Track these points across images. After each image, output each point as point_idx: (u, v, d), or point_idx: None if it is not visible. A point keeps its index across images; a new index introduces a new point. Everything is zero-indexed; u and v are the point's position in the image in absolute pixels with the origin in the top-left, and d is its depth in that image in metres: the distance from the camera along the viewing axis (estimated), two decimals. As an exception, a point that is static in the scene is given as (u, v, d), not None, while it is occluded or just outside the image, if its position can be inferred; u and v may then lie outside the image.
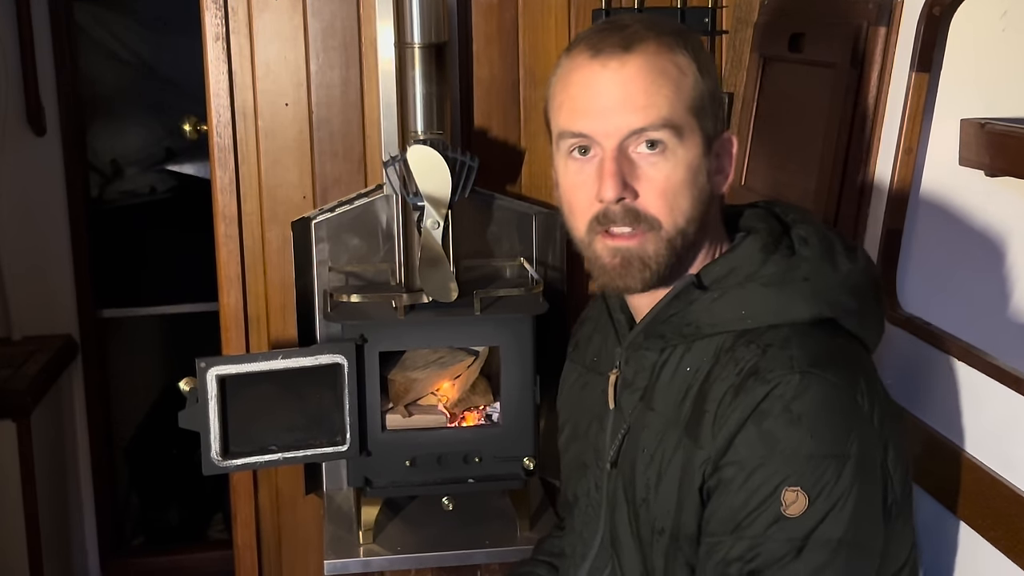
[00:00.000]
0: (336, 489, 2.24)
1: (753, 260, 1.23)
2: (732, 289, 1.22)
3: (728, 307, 1.21)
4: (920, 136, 1.59)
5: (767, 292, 1.20)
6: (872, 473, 1.14)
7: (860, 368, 1.18)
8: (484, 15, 2.25)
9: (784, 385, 1.12)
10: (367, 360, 1.96)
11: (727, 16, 2.29)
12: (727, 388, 1.16)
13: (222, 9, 2.17)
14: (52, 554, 3.08)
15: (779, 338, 1.17)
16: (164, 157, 4.13)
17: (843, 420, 1.13)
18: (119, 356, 3.80)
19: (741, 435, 1.13)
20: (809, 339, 1.17)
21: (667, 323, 1.25)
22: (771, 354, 1.16)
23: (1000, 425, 1.33)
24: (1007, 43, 1.60)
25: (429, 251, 1.95)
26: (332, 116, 2.24)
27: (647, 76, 1.19)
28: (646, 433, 1.25)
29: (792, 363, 1.14)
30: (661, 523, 1.23)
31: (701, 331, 1.22)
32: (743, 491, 1.13)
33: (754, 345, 1.18)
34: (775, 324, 1.19)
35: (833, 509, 1.11)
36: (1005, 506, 1.29)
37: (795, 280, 1.21)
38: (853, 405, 1.14)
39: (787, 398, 1.12)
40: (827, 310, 1.20)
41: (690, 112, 1.20)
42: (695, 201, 1.22)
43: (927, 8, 1.57)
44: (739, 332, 1.20)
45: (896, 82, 1.64)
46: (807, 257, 1.22)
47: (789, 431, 1.11)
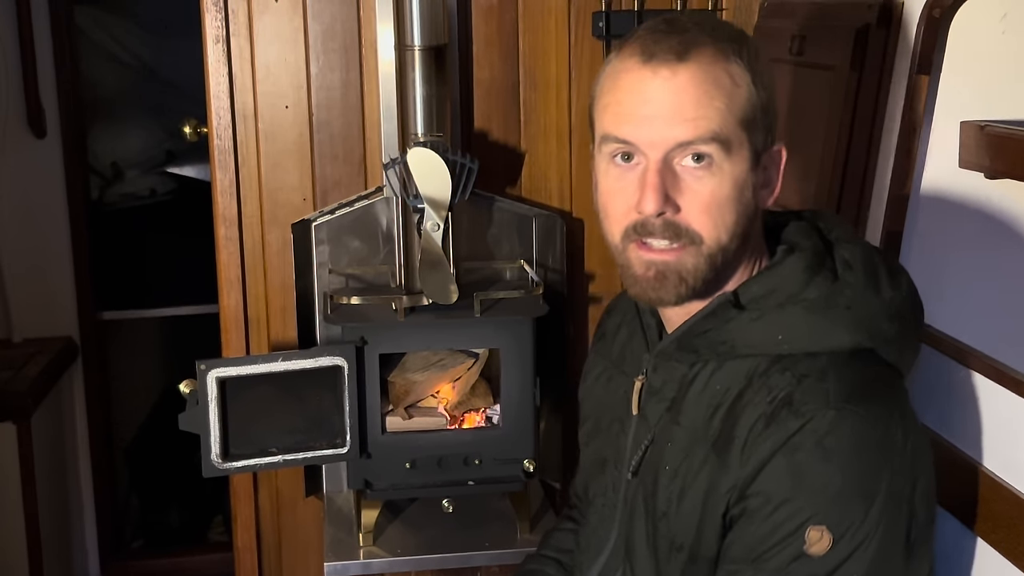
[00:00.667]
0: (336, 491, 2.24)
1: (795, 281, 1.19)
2: (771, 311, 1.18)
3: (766, 330, 1.18)
4: (920, 138, 1.58)
5: (808, 318, 1.17)
6: (899, 510, 1.12)
7: (896, 400, 1.16)
8: (484, 17, 2.25)
9: (818, 420, 1.10)
10: (367, 362, 1.96)
11: (727, 18, 2.28)
12: (759, 415, 1.13)
13: (222, 11, 2.17)
14: (52, 556, 3.08)
15: (816, 368, 1.14)
16: (164, 159, 4.13)
17: (875, 457, 1.10)
18: (119, 358, 3.80)
19: (770, 466, 1.11)
20: (847, 370, 1.14)
21: (701, 338, 1.21)
22: (807, 385, 1.13)
23: (1001, 428, 1.33)
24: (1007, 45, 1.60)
25: (429, 253, 1.95)
26: (332, 118, 2.24)
27: (699, 87, 1.14)
28: (671, 448, 1.23)
29: (828, 397, 1.11)
30: (681, 539, 1.21)
31: (735, 351, 1.19)
32: (767, 524, 1.11)
33: (789, 373, 1.14)
34: (813, 352, 1.16)
35: (857, 549, 1.09)
36: (1007, 509, 1.29)
37: (837, 307, 1.17)
38: (887, 441, 1.11)
39: (820, 433, 1.09)
40: (867, 340, 1.17)
41: (741, 125, 1.16)
42: (739, 216, 1.18)
43: (927, 10, 1.57)
44: (774, 356, 1.17)
45: (896, 84, 1.64)
46: (851, 283, 1.18)
47: (819, 467, 1.09)
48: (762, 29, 2.18)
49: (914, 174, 1.60)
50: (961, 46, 1.59)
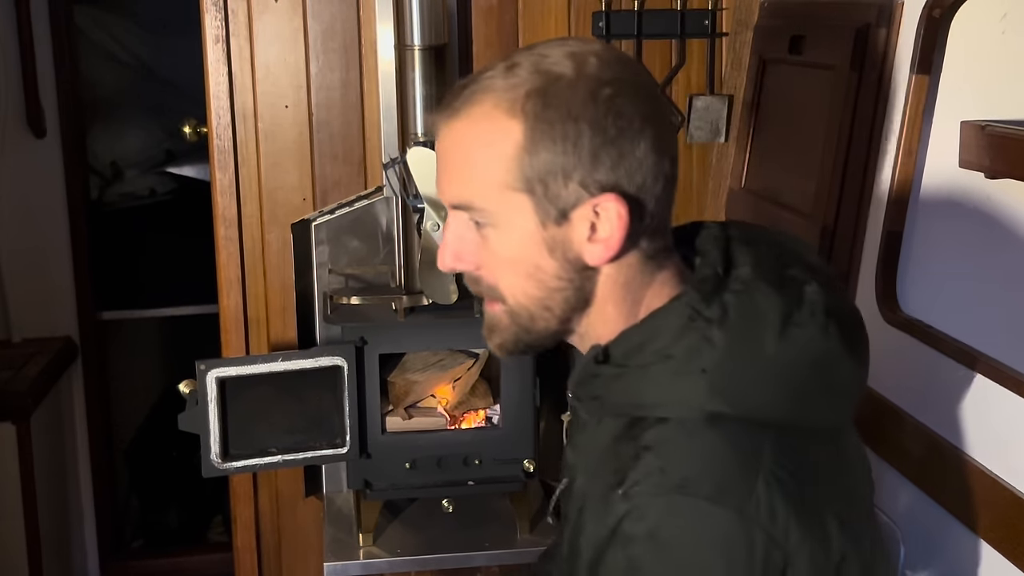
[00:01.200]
0: (336, 491, 2.24)
1: (665, 335, 1.05)
2: (632, 368, 1.06)
3: (625, 388, 1.07)
4: (920, 138, 1.58)
5: (663, 379, 1.04)
6: None
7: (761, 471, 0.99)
8: (484, 17, 2.25)
9: (647, 508, 0.98)
10: (367, 362, 1.96)
11: (727, 18, 2.29)
12: (603, 488, 1.02)
13: (222, 11, 2.17)
14: (52, 556, 3.07)
15: (659, 439, 1.01)
16: (164, 159, 4.13)
17: (718, 547, 0.97)
18: (119, 358, 3.80)
19: (610, 554, 1.00)
20: (696, 442, 1.00)
21: (582, 388, 1.12)
22: (643, 462, 1.00)
23: (1001, 428, 1.33)
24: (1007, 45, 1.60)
25: (429, 253, 1.95)
26: (332, 118, 2.24)
27: (461, 148, 1.07)
28: (575, 497, 1.14)
29: (661, 480, 0.98)
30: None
31: (604, 408, 1.10)
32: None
33: (632, 443, 1.02)
34: (664, 417, 1.02)
35: None
36: (1007, 509, 1.29)
37: (692, 371, 1.02)
38: (736, 525, 0.96)
39: (651, 523, 0.97)
40: (727, 408, 1.01)
41: (511, 189, 1.04)
42: (532, 278, 1.07)
43: (927, 10, 1.57)
44: (632, 419, 1.05)
45: (896, 84, 1.64)
46: (715, 342, 1.03)
47: (656, 563, 0.97)
48: (762, 29, 2.17)
49: (914, 174, 1.60)
50: (961, 46, 1.59)
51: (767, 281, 1.07)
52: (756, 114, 2.14)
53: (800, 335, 1.05)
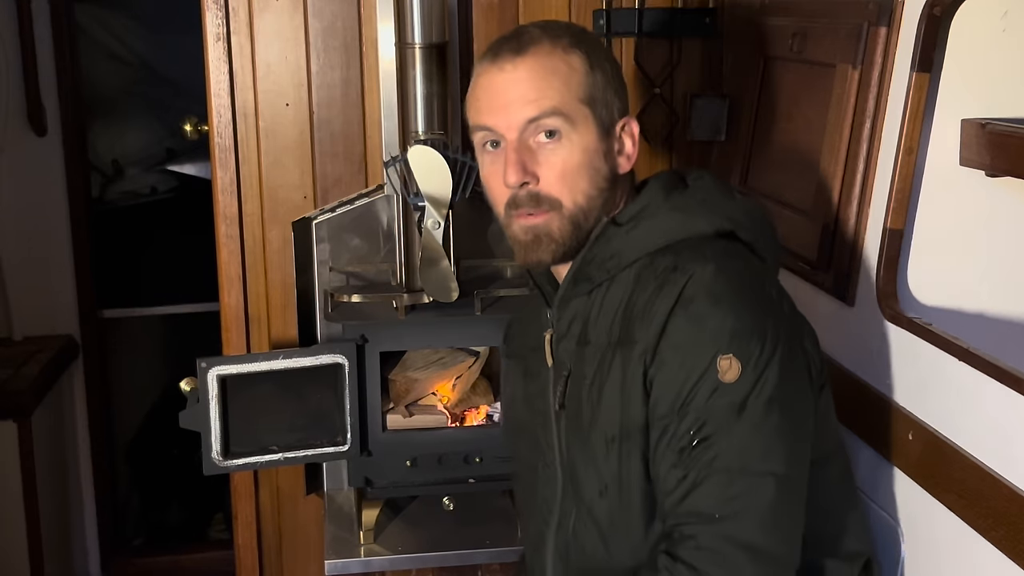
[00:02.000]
0: (337, 489, 2.24)
1: (657, 196, 1.39)
2: (644, 220, 1.37)
3: (642, 233, 1.36)
4: (921, 136, 1.58)
5: (674, 215, 1.36)
6: (792, 345, 1.28)
7: (764, 270, 1.37)
8: (485, 15, 2.26)
9: (702, 272, 1.27)
10: (368, 360, 1.96)
11: (727, 17, 2.28)
12: (651, 290, 1.31)
13: (223, 9, 2.17)
14: (53, 554, 3.08)
15: (690, 245, 1.33)
16: (165, 157, 4.13)
17: (757, 302, 1.28)
18: (120, 356, 3.80)
19: (671, 322, 1.27)
20: (716, 245, 1.33)
21: (591, 264, 1.38)
22: (686, 254, 1.31)
23: (1001, 425, 1.33)
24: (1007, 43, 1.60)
25: (430, 251, 1.96)
26: (333, 116, 2.24)
27: (537, 73, 1.35)
28: (586, 367, 1.37)
29: (706, 257, 1.30)
30: (611, 432, 1.33)
31: (623, 261, 1.36)
32: (682, 369, 1.26)
33: (670, 254, 1.33)
34: (684, 239, 1.34)
35: (764, 372, 1.24)
36: (1006, 506, 1.29)
37: (694, 204, 1.38)
38: (763, 292, 1.30)
39: (706, 282, 1.27)
40: (726, 223, 1.36)
41: (581, 102, 1.35)
42: (592, 180, 1.36)
43: (927, 8, 1.57)
44: (655, 252, 1.34)
45: (896, 82, 1.64)
46: (701, 187, 1.40)
47: (714, 310, 1.25)
48: (762, 27, 2.17)
49: (915, 172, 1.60)
50: (962, 44, 1.59)
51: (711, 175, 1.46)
52: (756, 113, 2.14)
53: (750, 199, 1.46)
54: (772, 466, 1.24)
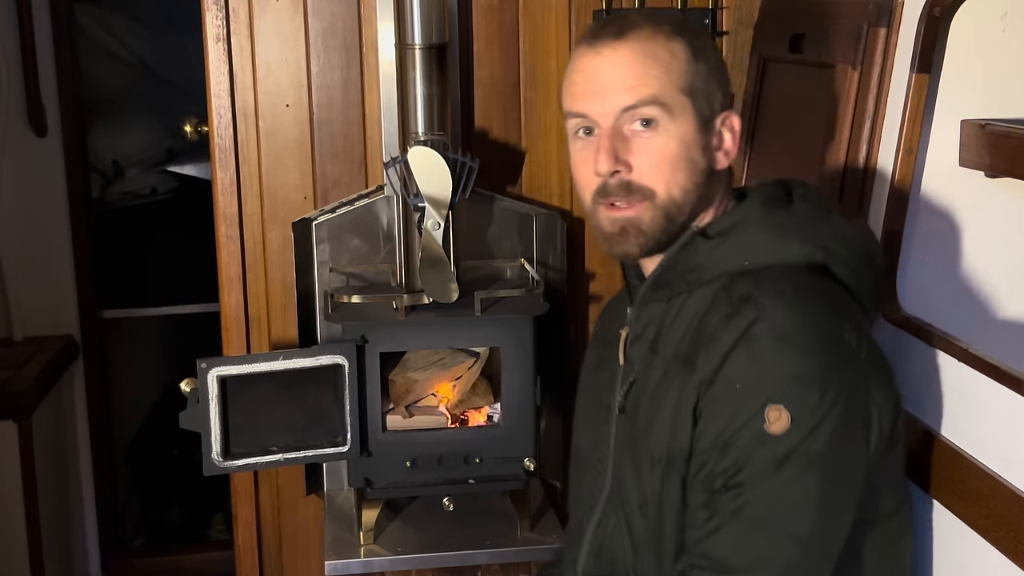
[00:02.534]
0: (337, 490, 2.24)
1: (754, 212, 1.32)
2: (733, 237, 1.31)
3: (729, 251, 1.30)
4: (920, 137, 1.59)
5: (764, 236, 1.30)
6: (856, 401, 1.20)
7: (848, 310, 1.26)
8: (485, 16, 2.26)
9: (775, 309, 1.20)
10: (368, 361, 1.96)
11: (727, 17, 2.28)
12: (721, 316, 1.24)
13: (223, 10, 2.17)
14: (53, 554, 3.08)
15: (773, 275, 1.26)
16: (165, 158, 4.14)
17: (830, 347, 1.20)
18: (120, 357, 3.80)
19: (732, 356, 1.21)
20: (802, 277, 1.26)
21: (673, 272, 1.33)
22: (764, 284, 1.24)
23: (1000, 426, 1.33)
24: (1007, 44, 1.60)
25: (430, 252, 1.96)
26: (333, 117, 2.24)
27: (636, 59, 1.29)
28: (651, 376, 1.33)
29: (783, 292, 1.22)
30: (658, 451, 1.29)
31: (703, 276, 1.31)
32: (730, 407, 1.20)
33: (750, 280, 1.26)
34: (771, 264, 1.27)
35: (815, 429, 1.17)
36: (1006, 507, 1.29)
37: (790, 228, 1.30)
38: (838, 335, 1.21)
39: (777, 321, 1.19)
40: (819, 254, 1.29)
41: (681, 92, 1.30)
42: (689, 173, 1.31)
43: (927, 9, 1.57)
44: (737, 274, 1.28)
45: (896, 83, 1.64)
46: (803, 208, 1.33)
47: (777, 352, 1.18)
48: (762, 28, 2.18)
49: (914, 173, 1.60)
50: (961, 45, 1.59)
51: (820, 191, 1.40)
52: (756, 113, 2.14)
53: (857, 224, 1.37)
54: (798, 528, 1.19)
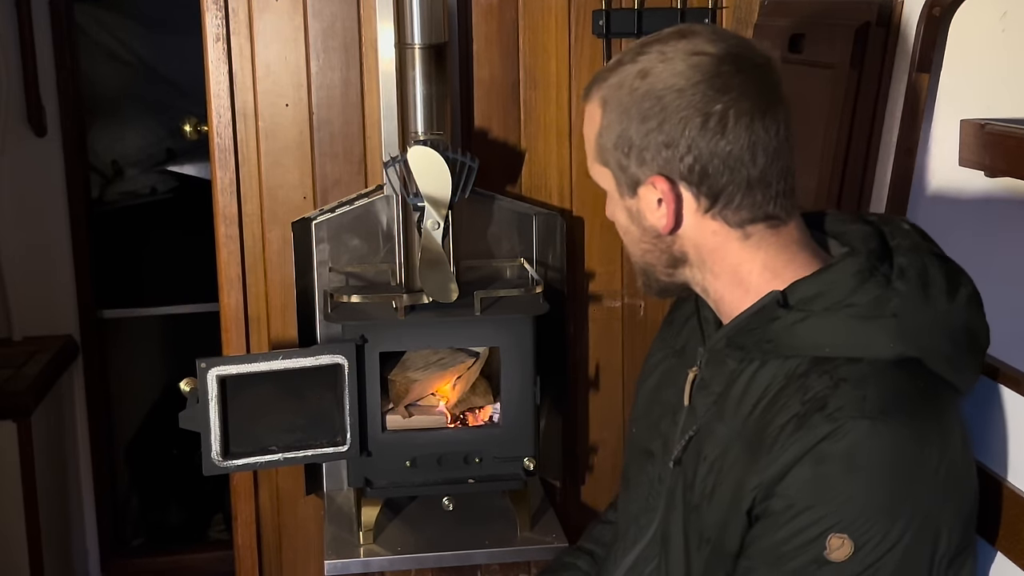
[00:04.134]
0: (336, 489, 2.24)
1: (844, 286, 1.17)
2: (817, 313, 1.17)
3: (809, 332, 1.17)
4: (920, 136, 1.59)
5: (852, 323, 1.15)
6: (926, 529, 1.11)
7: (936, 417, 1.13)
8: (484, 16, 2.26)
9: (849, 429, 1.09)
10: (367, 360, 1.96)
11: (727, 17, 2.29)
12: (791, 416, 1.13)
13: (223, 10, 2.17)
14: (53, 554, 3.08)
15: (855, 374, 1.13)
16: (165, 158, 4.13)
17: (904, 474, 1.09)
18: (120, 357, 3.80)
19: (796, 470, 1.11)
20: (887, 380, 1.13)
21: (748, 335, 1.22)
22: (843, 390, 1.11)
23: (1002, 427, 1.33)
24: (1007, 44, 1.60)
25: (429, 252, 1.96)
26: (332, 117, 2.24)
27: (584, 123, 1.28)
28: (712, 441, 1.24)
29: (863, 406, 1.10)
30: (708, 533, 1.22)
31: (779, 350, 1.19)
32: (788, 528, 1.11)
33: (828, 376, 1.13)
34: (854, 357, 1.14)
35: (878, 562, 1.09)
36: (1008, 508, 1.29)
37: (883, 315, 1.15)
38: (920, 459, 1.10)
39: (850, 444, 1.08)
40: (913, 350, 1.14)
41: (601, 160, 1.25)
42: (631, 241, 1.28)
43: (927, 9, 1.57)
44: (816, 359, 1.16)
45: (896, 83, 1.64)
46: (900, 291, 1.16)
47: (846, 480, 1.09)
48: (762, 28, 2.18)
49: (914, 172, 1.60)
50: (961, 45, 1.59)
51: (928, 253, 1.22)
52: (756, 113, 2.14)
53: (961, 299, 1.20)
54: None
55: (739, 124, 1.16)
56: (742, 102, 1.16)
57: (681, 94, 1.16)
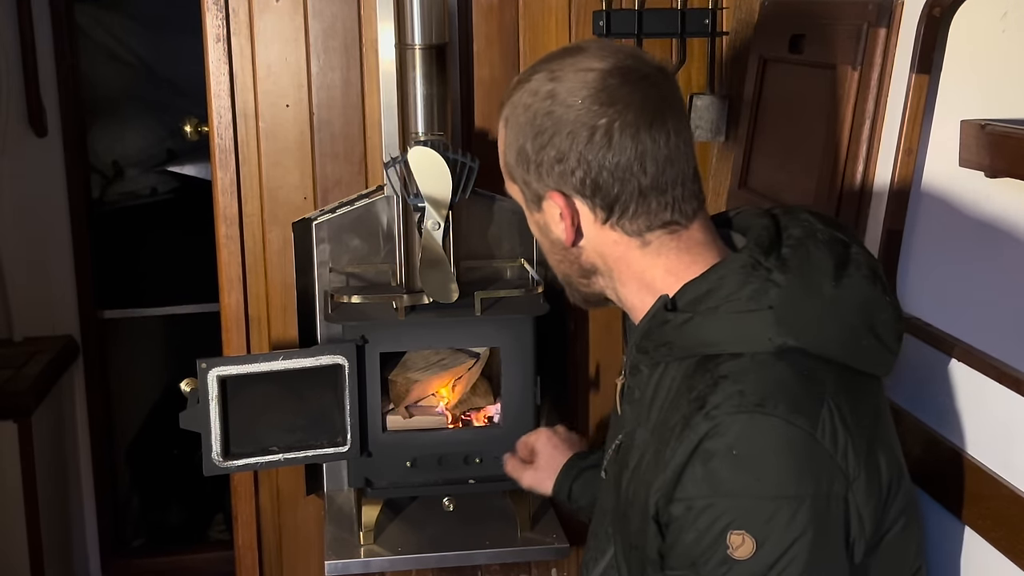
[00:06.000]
0: (337, 490, 2.24)
1: (729, 282, 1.19)
2: (700, 314, 1.19)
3: (696, 331, 1.19)
4: (920, 137, 1.59)
5: (732, 319, 1.17)
6: (831, 512, 1.11)
7: (825, 399, 1.13)
8: (485, 16, 2.26)
9: (728, 425, 1.10)
10: (368, 361, 1.96)
11: (727, 17, 2.29)
12: (680, 417, 1.15)
13: (223, 10, 2.17)
14: (53, 555, 3.08)
15: (735, 369, 1.14)
16: (165, 158, 4.14)
17: (795, 460, 1.10)
18: (120, 357, 3.80)
19: (688, 472, 1.12)
20: (768, 371, 1.14)
21: (648, 340, 1.25)
22: (721, 388, 1.13)
23: (1001, 426, 1.33)
24: (1007, 44, 1.60)
25: (430, 252, 1.96)
26: (333, 117, 2.24)
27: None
28: (633, 449, 1.26)
29: (740, 400, 1.11)
30: (634, 540, 1.24)
31: (673, 352, 1.22)
32: (692, 530, 1.12)
33: (709, 375, 1.15)
34: (736, 353, 1.16)
35: (786, 552, 1.09)
36: (1006, 507, 1.29)
37: (760, 308, 1.16)
38: (809, 442, 1.10)
39: (731, 438, 1.10)
40: (792, 340, 1.15)
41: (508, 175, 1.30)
42: (547, 250, 1.33)
43: (927, 9, 1.57)
44: (703, 357, 1.18)
45: (896, 83, 1.64)
46: (778, 282, 1.17)
47: (734, 473, 1.10)
48: (762, 28, 2.18)
49: (914, 173, 1.60)
50: (961, 45, 1.59)
51: (816, 240, 1.22)
52: (756, 113, 2.14)
53: (850, 283, 1.20)
54: None
55: (624, 135, 1.18)
56: (627, 114, 1.18)
57: (569, 109, 1.19)
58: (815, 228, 1.25)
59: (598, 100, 1.18)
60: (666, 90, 1.22)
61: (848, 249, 1.23)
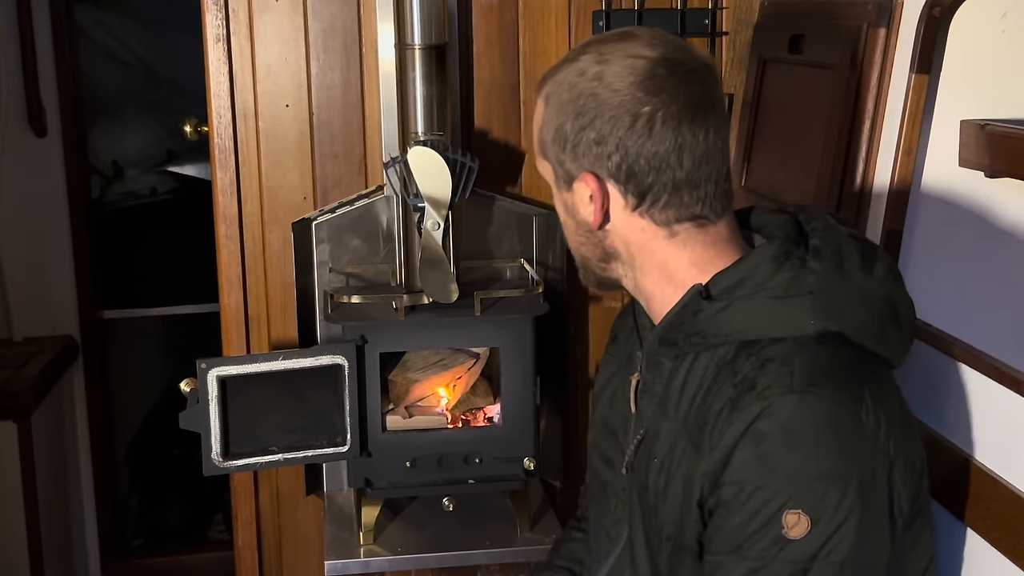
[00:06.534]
0: (337, 490, 2.24)
1: (763, 270, 1.21)
2: (738, 300, 1.21)
3: (732, 318, 1.20)
4: (920, 137, 1.59)
5: (772, 304, 1.19)
6: (877, 491, 1.13)
7: (866, 383, 1.16)
8: (484, 16, 2.26)
9: (781, 404, 1.12)
10: (367, 361, 1.96)
11: (727, 17, 2.29)
12: (725, 401, 1.16)
13: (223, 10, 2.17)
14: (53, 555, 3.08)
15: (780, 352, 1.16)
16: (165, 158, 4.14)
17: (844, 439, 1.12)
18: (120, 357, 3.80)
19: (738, 454, 1.13)
20: (812, 354, 1.16)
21: (677, 331, 1.25)
22: (770, 369, 1.15)
23: (1001, 427, 1.33)
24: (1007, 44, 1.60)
25: (429, 252, 1.96)
26: (333, 117, 2.25)
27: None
28: (659, 440, 1.26)
29: (791, 380, 1.13)
30: (667, 531, 1.24)
31: (707, 341, 1.22)
32: (743, 512, 1.13)
33: (754, 358, 1.17)
34: (778, 337, 1.17)
35: (837, 531, 1.10)
36: (1006, 508, 1.29)
37: (800, 293, 1.19)
38: (855, 423, 1.13)
39: (784, 418, 1.11)
40: (833, 325, 1.18)
41: (542, 153, 1.29)
42: (569, 233, 1.33)
43: (927, 9, 1.57)
44: (742, 343, 1.19)
45: (896, 83, 1.64)
46: (815, 269, 1.20)
47: (788, 453, 1.11)
48: (762, 28, 2.18)
49: (914, 173, 1.60)
50: (961, 45, 1.59)
51: (840, 232, 1.25)
52: (756, 113, 2.14)
53: (878, 273, 1.23)
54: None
55: (666, 127, 1.19)
56: (671, 105, 1.18)
57: (614, 94, 1.19)
58: (836, 224, 1.27)
59: (644, 88, 1.18)
60: (711, 86, 1.23)
61: (865, 244, 1.26)
